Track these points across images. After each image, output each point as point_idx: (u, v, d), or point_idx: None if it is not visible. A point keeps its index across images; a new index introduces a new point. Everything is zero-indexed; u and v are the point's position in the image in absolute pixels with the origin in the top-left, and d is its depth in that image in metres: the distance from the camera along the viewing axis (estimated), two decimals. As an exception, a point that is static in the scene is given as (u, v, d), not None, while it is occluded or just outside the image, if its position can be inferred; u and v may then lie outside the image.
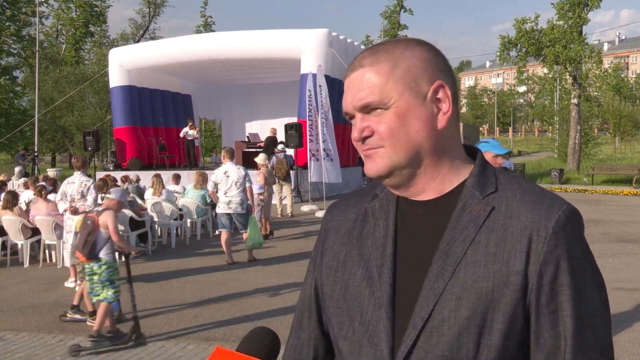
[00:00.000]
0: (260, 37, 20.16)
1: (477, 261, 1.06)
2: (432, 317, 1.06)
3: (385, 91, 1.09)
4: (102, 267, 5.65)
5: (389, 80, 1.10)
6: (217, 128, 33.63)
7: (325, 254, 1.25)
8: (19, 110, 35.89)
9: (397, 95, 1.09)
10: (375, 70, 1.10)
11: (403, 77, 1.10)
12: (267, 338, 1.14)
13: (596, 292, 1.08)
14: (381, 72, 1.10)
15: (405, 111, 1.10)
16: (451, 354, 1.04)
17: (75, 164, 7.96)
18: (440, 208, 1.14)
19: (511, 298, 1.04)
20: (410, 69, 1.11)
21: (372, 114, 1.11)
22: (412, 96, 1.10)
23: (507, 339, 1.04)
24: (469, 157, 1.19)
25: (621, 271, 8.50)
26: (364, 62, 1.12)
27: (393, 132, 1.10)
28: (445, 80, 1.13)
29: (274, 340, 1.15)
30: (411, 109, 1.10)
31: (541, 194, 1.11)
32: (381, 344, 1.09)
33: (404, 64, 1.11)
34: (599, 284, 1.09)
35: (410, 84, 1.10)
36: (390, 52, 1.12)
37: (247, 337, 1.14)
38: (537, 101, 71.40)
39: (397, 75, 1.10)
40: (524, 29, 28.25)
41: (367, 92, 1.10)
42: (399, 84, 1.10)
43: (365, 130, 1.12)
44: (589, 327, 1.06)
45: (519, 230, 1.07)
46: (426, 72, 1.12)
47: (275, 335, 1.15)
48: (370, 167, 1.13)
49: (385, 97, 1.09)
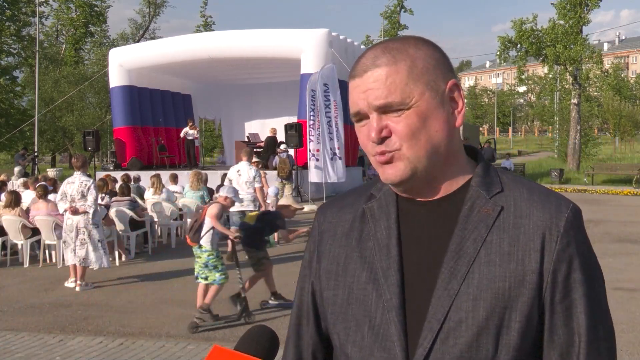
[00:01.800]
0: (260, 36, 20.15)
1: (491, 261, 1.06)
2: (449, 318, 1.05)
3: (406, 91, 1.07)
4: (203, 254, 6.24)
5: (409, 79, 1.08)
6: (217, 128, 33.62)
7: (323, 258, 1.21)
8: (19, 110, 35.85)
9: (419, 94, 1.08)
10: (394, 70, 1.07)
11: (422, 76, 1.08)
12: (265, 337, 1.13)
13: (602, 288, 1.11)
14: (400, 71, 1.07)
15: (426, 111, 1.08)
16: (470, 355, 1.04)
17: (75, 164, 7.96)
18: (444, 208, 1.13)
19: (528, 297, 1.04)
20: (427, 68, 1.09)
21: (389, 114, 1.08)
22: (432, 96, 1.09)
23: (525, 338, 1.04)
24: (468, 156, 1.19)
25: (621, 271, 8.50)
26: (379, 61, 1.08)
27: (414, 133, 1.07)
28: (456, 79, 1.13)
29: (272, 339, 1.14)
30: (431, 109, 1.08)
31: (547, 194, 1.12)
32: (394, 348, 1.08)
33: (421, 63, 1.09)
34: (603, 280, 1.11)
35: (430, 83, 1.09)
36: (403, 51, 1.10)
37: (245, 336, 1.13)
38: (537, 101, 71.35)
39: (416, 75, 1.08)
40: (524, 29, 28.24)
41: (387, 91, 1.07)
42: (419, 83, 1.08)
43: (384, 130, 1.08)
44: (600, 323, 1.07)
45: (532, 229, 1.07)
46: (440, 71, 1.11)
47: (273, 334, 1.14)
48: (389, 173, 1.10)
49: (407, 97, 1.07)
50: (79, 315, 6.70)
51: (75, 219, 7.75)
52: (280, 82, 23.68)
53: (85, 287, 7.87)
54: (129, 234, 9.99)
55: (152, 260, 9.80)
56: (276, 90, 24.18)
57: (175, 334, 5.99)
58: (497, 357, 1.03)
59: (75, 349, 5.59)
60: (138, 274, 8.83)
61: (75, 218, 7.75)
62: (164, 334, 5.99)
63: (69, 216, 7.80)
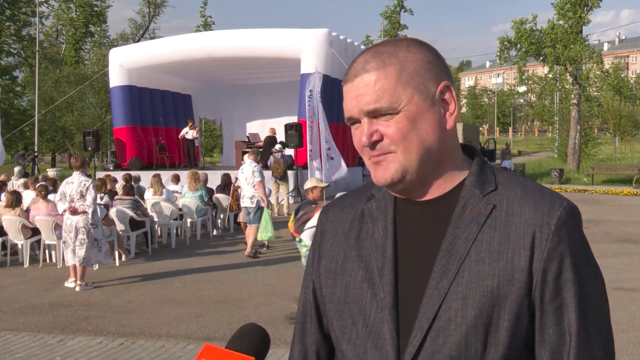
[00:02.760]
0: (260, 36, 20.14)
1: (481, 259, 1.06)
2: (438, 317, 1.06)
3: (395, 95, 1.08)
4: (302, 248, 6.45)
5: (398, 84, 1.08)
6: (217, 128, 33.61)
7: (323, 257, 1.23)
8: (19, 110, 35.86)
9: (407, 98, 1.08)
10: (383, 75, 1.08)
11: (411, 80, 1.09)
12: (257, 335, 1.13)
13: (597, 287, 1.09)
14: (389, 76, 1.08)
15: (415, 114, 1.09)
16: (459, 353, 1.04)
17: (74, 164, 7.96)
18: (439, 208, 1.13)
19: (517, 295, 1.04)
20: (417, 72, 1.10)
21: (380, 118, 1.09)
22: (422, 99, 1.09)
23: (514, 336, 1.04)
24: (466, 156, 1.20)
25: (621, 271, 8.50)
26: (368, 66, 1.10)
27: (405, 136, 1.08)
28: (449, 81, 1.13)
29: (264, 337, 1.14)
30: (421, 112, 1.09)
31: (541, 192, 1.12)
32: (386, 346, 1.09)
33: (411, 66, 1.10)
34: (599, 279, 1.10)
35: (419, 86, 1.09)
36: (393, 55, 1.10)
37: (237, 334, 1.13)
38: (538, 101, 71.37)
39: (405, 79, 1.09)
40: (523, 29, 28.24)
41: (376, 96, 1.08)
42: (408, 87, 1.09)
43: (375, 135, 1.10)
44: (592, 323, 1.06)
45: (522, 227, 1.07)
46: (432, 74, 1.11)
47: (264, 332, 1.15)
48: (380, 174, 1.11)
49: (395, 101, 1.08)
50: (79, 315, 6.70)
51: (74, 219, 7.75)
52: (280, 82, 23.67)
53: (85, 287, 7.87)
54: (129, 234, 9.99)
55: (152, 260, 9.80)
56: (276, 90, 24.17)
57: (175, 334, 5.99)
58: (486, 355, 1.04)
59: (75, 349, 5.59)
60: (138, 274, 8.83)
61: (74, 218, 7.75)
62: (164, 334, 5.99)
63: (68, 216, 7.80)
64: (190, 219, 11.92)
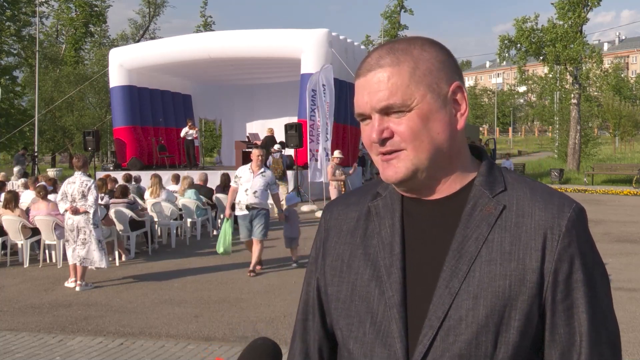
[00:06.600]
0: (261, 36, 20.15)
1: (492, 260, 1.07)
2: (449, 316, 1.06)
3: (408, 93, 1.08)
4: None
5: (411, 81, 1.08)
6: (217, 128, 33.60)
7: (328, 254, 1.23)
8: (19, 110, 35.84)
9: (420, 97, 1.08)
10: (397, 71, 1.08)
11: (424, 78, 1.09)
12: (268, 350, 1.12)
13: (605, 287, 1.10)
14: (403, 73, 1.08)
15: (427, 113, 1.08)
16: (469, 353, 1.04)
17: (76, 164, 7.96)
18: (448, 207, 1.13)
19: (528, 295, 1.05)
20: (430, 70, 1.10)
21: (391, 115, 1.09)
22: (434, 98, 1.09)
23: (524, 336, 1.05)
24: (473, 156, 1.20)
25: (621, 271, 8.50)
26: (383, 62, 1.09)
27: (416, 134, 1.08)
28: (460, 81, 1.13)
29: (275, 352, 1.13)
30: (433, 111, 1.09)
31: (550, 193, 1.12)
32: (395, 345, 1.09)
33: (424, 65, 1.10)
34: (606, 279, 1.11)
35: (432, 85, 1.09)
36: (408, 52, 1.10)
37: (248, 349, 1.12)
38: (538, 101, 71.35)
39: (418, 77, 1.09)
40: (524, 27, 28.21)
41: (389, 93, 1.08)
42: (421, 85, 1.08)
43: (385, 132, 1.09)
44: (601, 323, 1.07)
45: (533, 228, 1.07)
46: (444, 73, 1.11)
47: (276, 347, 1.13)
48: (389, 172, 1.11)
49: (408, 98, 1.08)
50: (79, 315, 6.70)
51: (75, 219, 7.75)
52: (280, 82, 23.67)
53: (85, 287, 7.87)
54: (129, 234, 9.99)
55: (152, 260, 9.80)
56: (276, 90, 24.17)
57: (175, 334, 5.99)
58: (496, 354, 1.04)
59: (75, 349, 5.59)
60: (138, 274, 8.83)
61: (75, 218, 7.75)
62: (164, 334, 5.99)
63: (69, 216, 7.80)
64: (190, 219, 11.91)
